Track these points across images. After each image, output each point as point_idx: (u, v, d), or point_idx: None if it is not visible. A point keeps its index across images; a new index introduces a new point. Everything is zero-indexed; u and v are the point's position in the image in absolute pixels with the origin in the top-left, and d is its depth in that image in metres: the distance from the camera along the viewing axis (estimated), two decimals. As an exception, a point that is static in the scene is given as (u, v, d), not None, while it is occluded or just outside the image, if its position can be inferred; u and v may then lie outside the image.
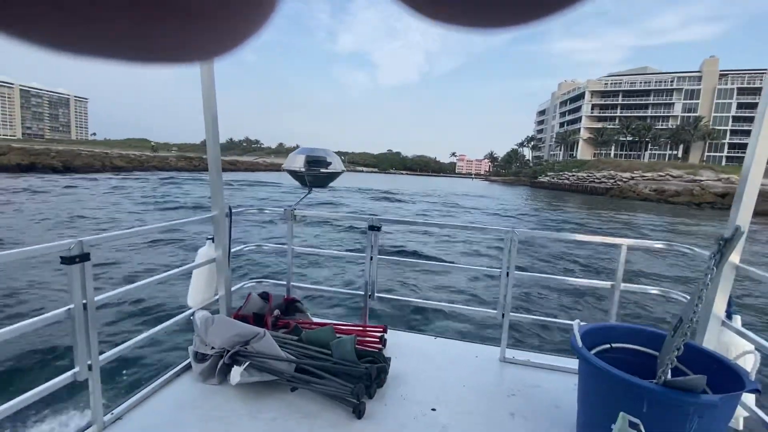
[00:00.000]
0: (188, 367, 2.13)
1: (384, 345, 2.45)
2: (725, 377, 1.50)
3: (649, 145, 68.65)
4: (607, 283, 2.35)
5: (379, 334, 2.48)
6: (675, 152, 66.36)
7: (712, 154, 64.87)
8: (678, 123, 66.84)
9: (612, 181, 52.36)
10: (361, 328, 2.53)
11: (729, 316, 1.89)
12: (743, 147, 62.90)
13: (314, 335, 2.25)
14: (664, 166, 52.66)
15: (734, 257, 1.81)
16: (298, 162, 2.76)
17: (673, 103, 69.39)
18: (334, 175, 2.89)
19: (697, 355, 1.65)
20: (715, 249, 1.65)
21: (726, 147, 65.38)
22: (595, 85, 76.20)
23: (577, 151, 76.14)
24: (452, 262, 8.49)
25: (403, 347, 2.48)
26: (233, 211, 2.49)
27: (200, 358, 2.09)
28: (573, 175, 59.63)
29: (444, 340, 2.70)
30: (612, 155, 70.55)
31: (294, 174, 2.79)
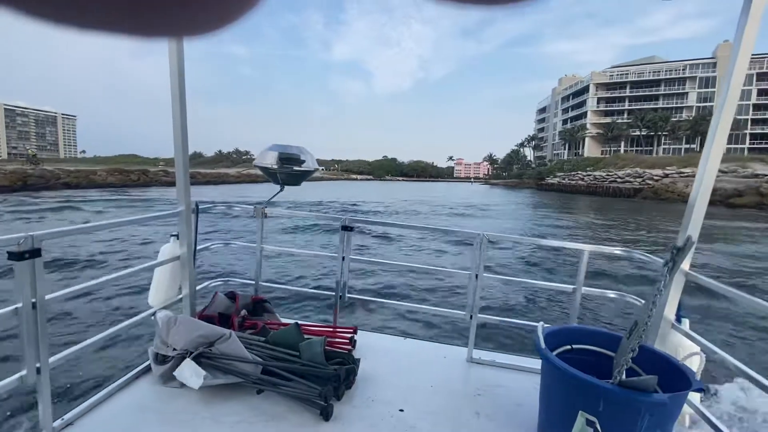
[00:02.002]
0: (148, 369, 2.14)
1: (354, 346, 2.49)
2: (674, 377, 1.61)
3: (663, 138, 67.35)
4: (569, 287, 2.49)
5: (349, 335, 2.52)
6: (693, 145, 65.15)
7: (732, 146, 62.62)
8: (693, 114, 65.45)
9: (639, 180, 47.57)
10: (331, 329, 2.57)
11: (678, 319, 2.03)
12: (766, 138, 61.82)
13: (282, 336, 2.27)
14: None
15: (684, 264, 1.95)
16: (269, 159, 2.77)
17: (687, 93, 67.98)
18: (307, 173, 2.94)
19: (650, 356, 1.77)
20: (668, 257, 1.80)
21: (748, 137, 63.35)
22: (599, 78, 74.82)
23: (583, 148, 74.71)
24: (423, 264, 8.60)
25: (372, 348, 2.54)
26: (200, 207, 2.52)
27: (161, 359, 2.11)
28: (588, 175, 56.66)
29: (413, 341, 2.80)
30: (622, 152, 68.98)
31: (266, 171, 2.82)
